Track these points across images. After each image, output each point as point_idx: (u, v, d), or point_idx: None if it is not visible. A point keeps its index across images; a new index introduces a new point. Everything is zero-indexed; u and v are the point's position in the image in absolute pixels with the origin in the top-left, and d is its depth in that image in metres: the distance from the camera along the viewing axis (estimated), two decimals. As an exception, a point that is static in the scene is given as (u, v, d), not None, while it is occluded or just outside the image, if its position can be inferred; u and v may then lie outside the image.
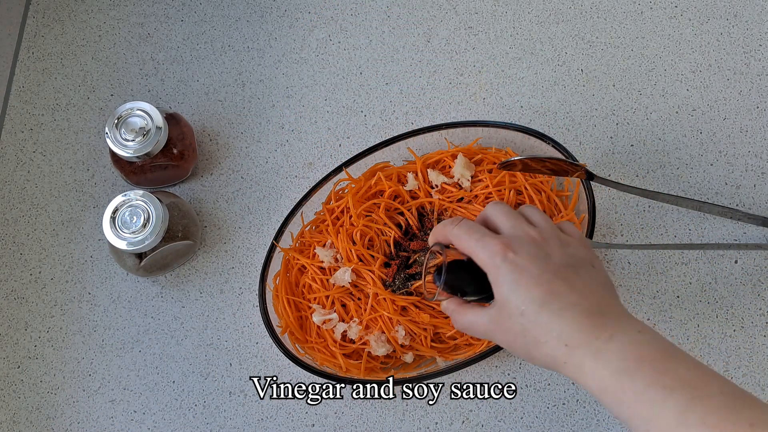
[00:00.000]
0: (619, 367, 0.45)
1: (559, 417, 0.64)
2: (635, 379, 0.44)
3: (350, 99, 0.75)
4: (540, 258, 0.49)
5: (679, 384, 0.43)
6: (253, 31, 0.79)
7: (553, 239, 0.51)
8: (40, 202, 0.74)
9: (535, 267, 0.49)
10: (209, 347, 0.69)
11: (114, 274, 0.71)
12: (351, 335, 0.63)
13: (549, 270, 0.49)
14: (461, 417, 0.65)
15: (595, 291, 0.49)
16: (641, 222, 0.69)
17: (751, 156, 0.70)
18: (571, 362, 0.47)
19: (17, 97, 0.78)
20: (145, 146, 0.67)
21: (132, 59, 0.78)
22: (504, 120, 0.72)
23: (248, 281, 0.70)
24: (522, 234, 0.51)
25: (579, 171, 0.62)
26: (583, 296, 0.48)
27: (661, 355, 0.45)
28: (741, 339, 0.65)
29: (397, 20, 0.78)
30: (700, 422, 0.41)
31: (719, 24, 0.75)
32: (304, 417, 0.66)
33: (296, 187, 0.73)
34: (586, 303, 0.48)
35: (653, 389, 0.43)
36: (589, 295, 0.48)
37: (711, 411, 0.42)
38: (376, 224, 0.66)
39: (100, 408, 0.68)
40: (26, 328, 0.70)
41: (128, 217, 0.64)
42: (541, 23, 0.76)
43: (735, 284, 0.66)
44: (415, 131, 0.68)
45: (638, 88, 0.73)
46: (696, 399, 0.42)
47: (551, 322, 0.47)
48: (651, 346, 0.46)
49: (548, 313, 0.48)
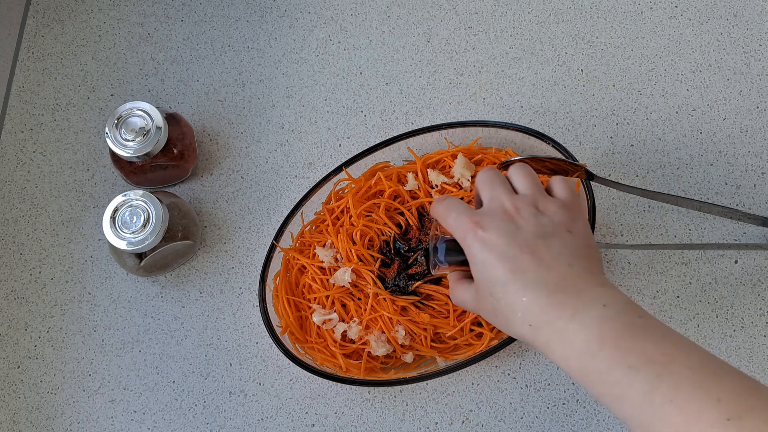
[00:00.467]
0: (582, 349, 0.44)
1: (559, 417, 0.64)
2: (599, 361, 0.43)
3: (350, 99, 0.75)
4: (508, 233, 0.48)
5: (644, 362, 0.42)
6: (253, 31, 0.79)
7: (527, 208, 0.50)
8: (40, 202, 0.74)
9: (502, 242, 0.48)
10: (209, 347, 0.69)
11: (114, 274, 0.71)
12: (351, 335, 0.63)
13: (515, 245, 0.48)
14: (461, 417, 0.65)
15: (563, 262, 0.47)
16: (641, 222, 0.69)
17: (751, 156, 0.70)
18: (539, 342, 0.46)
19: (17, 97, 0.78)
20: (145, 146, 0.67)
21: (132, 59, 0.78)
22: (504, 120, 0.72)
23: (248, 281, 0.70)
24: (496, 206, 0.50)
25: (579, 171, 0.62)
26: (549, 269, 0.47)
27: (627, 332, 0.44)
28: (741, 339, 0.65)
29: (397, 20, 0.78)
30: (668, 401, 0.40)
31: (719, 24, 0.75)
32: (304, 417, 0.66)
33: (296, 187, 0.73)
34: (552, 277, 0.47)
35: (618, 370, 0.42)
36: (555, 268, 0.47)
37: (678, 388, 0.41)
38: (376, 224, 0.66)
39: (100, 408, 0.68)
40: (26, 328, 0.70)
41: (128, 217, 0.64)
42: (541, 23, 0.76)
43: (735, 284, 0.66)
44: (415, 131, 0.68)
45: (638, 88, 0.73)
46: (663, 376, 0.41)
47: (515, 303, 0.47)
48: (616, 322, 0.44)
49: (512, 293, 0.47)
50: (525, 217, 0.49)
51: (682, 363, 0.42)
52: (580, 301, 0.45)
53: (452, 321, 0.62)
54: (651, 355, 0.42)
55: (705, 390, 0.40)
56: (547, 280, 0.47)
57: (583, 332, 0.44)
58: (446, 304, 0.63)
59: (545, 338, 0.46)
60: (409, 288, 0.64)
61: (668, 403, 0.40)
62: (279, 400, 0.67)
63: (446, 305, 0.63)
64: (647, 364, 0.42)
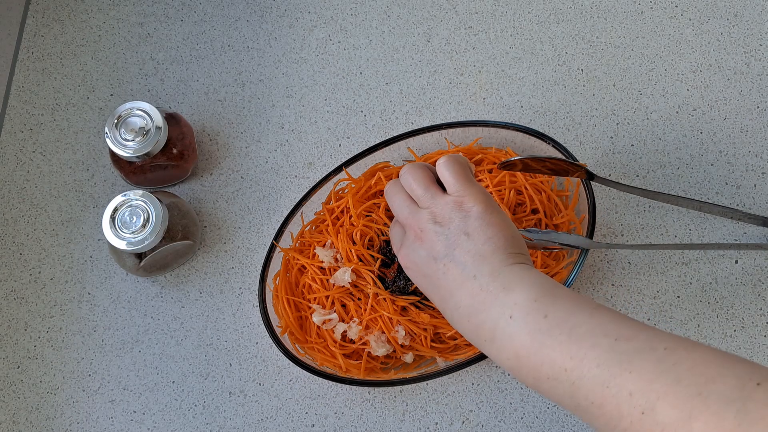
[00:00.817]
0: (511, 366, 0.47)
1: (559, 417, 0.64)
2: (524, 376, 0.46)
3: (350, 99, 0.75)
4: (422, 263, 0.52)
5: (558, 371, 0.44)
6: (252, 31, 0.79)
7: (428, 227, 0.52)
8: (39, 202, 0.74)
9: (420, 275, 0.53)
10: (209, 347, 0.68)
11: (114, 274, 0.71)
12: (351, 335, 0.63)
13: (431, 273, 0.51)
14: (461, 417, 0.65)
15: (469, 275, 0.49)
16: (641, 222, 0.69)
17: (752, 156, 0.70)
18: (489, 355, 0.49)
19: (17, 97, 0.78)
20: (145, 146, 0.67)
21: (132, 59, 0.78)
22: (504, 120, 0.72)
23: (248, 281, 0.70)
24: (407, 226, 0.54)
25: (579, 171, 0.62)
26: (462, 288, 0.49)
27: (535, 344, 0.45)
28: (741, 339, 0.65)
29: (397, 20, 0.78)
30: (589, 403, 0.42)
31: (719, 24, 0.75)
32: (304, 417, 0.66)
33: (296, 187, 0.73)
34: (465, 299, 0.49)
35: (542, 383, 0.45)
36: (465, 286, 0.49)
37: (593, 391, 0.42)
38: (376, 224, 0.66)
39: (100, 408, 0.68)
40: (26, 328, 0.70)
41: (128, 217, 0.64)
42: (541, 23, 0.76)
43: (735, 284, 0.66)
44: (415, 131, 0.68)
45: (638, 87, 0.73)
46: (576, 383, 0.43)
47: (455, 328, 0.51)
48: (523, 335, 0.46)
49: (448, 318, 0.51)
50: (430, 239, 0.51)
51: (590, 363, 0.42)
52: (492, 318, 0.48)
53: (452, 321, 0.62)
54: (561, 362, 0.44)
55: (615, 390, 0.41)
56: (461, 304, 0.49)
57: (504, 352, 0.47)
58: (446, 304, 0.63)
59: (487, 354, 0.49)
60: (409, 288, 0.64)
61: (591, 406, 0.42)
62: (279, 400, 0.66)
63: (446, 305, 0.63)
64: (560, 372, 0.44)
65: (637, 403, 0.40)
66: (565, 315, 0.45)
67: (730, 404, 0.37)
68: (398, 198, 0.55)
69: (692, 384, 0.39)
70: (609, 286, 0.67)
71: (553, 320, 0.45)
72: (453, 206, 0.51)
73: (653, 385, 0.40)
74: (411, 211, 0.53)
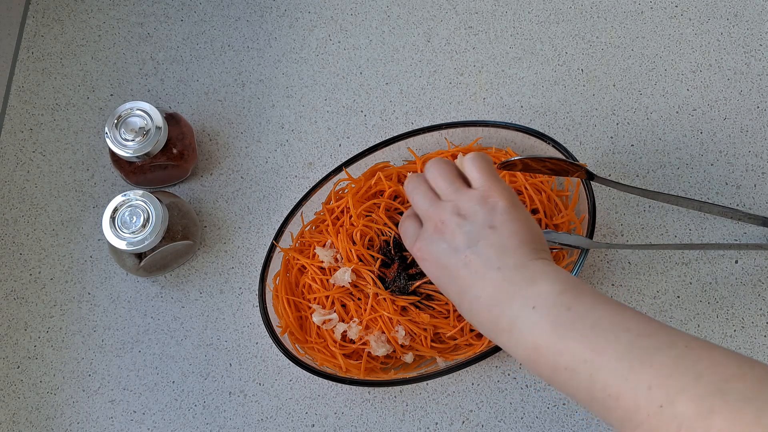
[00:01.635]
0: (526, 357, 0.47)
1: (559, 417, 0.64)
2: (542, 368, 0.46)
3: (350, 99, 0.75)
4: (442, 255, 0.51)
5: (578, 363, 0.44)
6: (252, 31, 0.79)
7: (450, 219, 0.51)
8: (39, 202, 0.74)
9: (432, 267, 0.52)
10: (209, 347, 0.68)
11: (114, 274, 0.71)
12: (351, 335, 0.63)
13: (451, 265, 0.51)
14: (461, 417, 0.65)
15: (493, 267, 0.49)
16: (641, 222, 0.69)
17: (752, 156, 0.70)
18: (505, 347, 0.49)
19: (17, 97, 0.78)
20: (145, 146, 0.67)
21: (132, 59, 0.78)
22: (504, 120, 0.72)
23: (248, 281, 0.70)
24: (426, 221, 0.53)
25: (579, 171, 0.62)
26: (483, 280, 0.49)
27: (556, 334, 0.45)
28: (741, 339, 0.65)
29: (397, 20, 0.78)
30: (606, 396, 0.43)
31: (719, 24, 0.75)
32: (304, 417, 0.66)
33: (296, 187, 0.73)
34: (486, 290, 0.49)
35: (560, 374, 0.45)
36: (487, 276, 0.49)
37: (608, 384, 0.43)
38: (376, 224, 0.66)
39: (100, 408, 0.68)
40: (26, 328, 0.70)
41: (128, 217, 0.64)
42: (541, 23, 0.76)
43: (735, 284, 0.66)
44: (415, 131, 0.68)
45: (638, 87, 0.73)
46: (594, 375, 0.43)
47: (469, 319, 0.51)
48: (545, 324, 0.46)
49: (463, 311, 0.51)
50: (452, 231, 0.51)
51: (610, 355, 0.43)
52: (513, 309, 0.48)
53: (452, 321, 0.62)
54: (581, 353, 0.44)
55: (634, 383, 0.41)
56: (481, 294, 0.49)
57: (522, 343, 0.47)
58: (446, 304, 0.63)
59: (503, 346, 0.49)
60: (409, 288, 0.64)
61: (607, 398, 0.42)
62: (279, 400, 0.66)
63: (446, 305, 0.63)
64: (580, 363, 0.44)
65: (656, 396, 0.40)
66: (588, 309, 0.45)
67: (750, 402, 0.38)
68: (419, 190, 0.55)
69: (712, 381, 0.39)
70: (609, 286, 0.67)
71: (576, 313, 0.45)
72: (478, 200, 0.52)
73: (673, 380, 0.40)
74: (432, 204, 0.53)
